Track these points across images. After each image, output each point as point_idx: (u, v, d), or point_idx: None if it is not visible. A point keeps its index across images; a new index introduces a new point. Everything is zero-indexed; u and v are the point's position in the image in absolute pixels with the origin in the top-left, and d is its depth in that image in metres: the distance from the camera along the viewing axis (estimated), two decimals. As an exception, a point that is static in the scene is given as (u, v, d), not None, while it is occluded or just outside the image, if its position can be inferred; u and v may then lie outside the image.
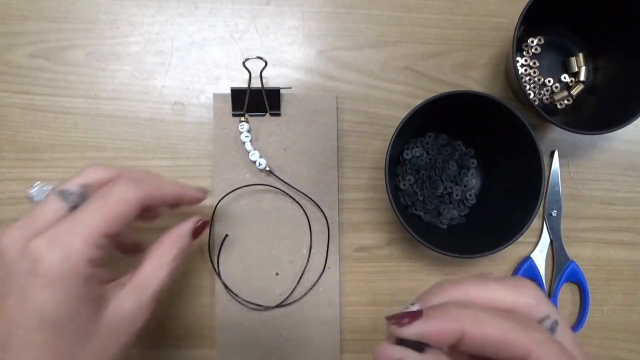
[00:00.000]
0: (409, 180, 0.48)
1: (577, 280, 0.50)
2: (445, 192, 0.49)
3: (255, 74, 0.46)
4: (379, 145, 0.50)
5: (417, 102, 0.42)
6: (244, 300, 0.47)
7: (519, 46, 0.50)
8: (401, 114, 0.45)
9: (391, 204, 0.42)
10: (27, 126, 0.48)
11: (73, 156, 0.48)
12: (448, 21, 0.51)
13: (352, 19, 0.50)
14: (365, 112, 0.50)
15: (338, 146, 0.49)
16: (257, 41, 0.49)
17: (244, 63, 0.44)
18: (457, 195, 0.49)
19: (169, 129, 0.48)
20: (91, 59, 0.48)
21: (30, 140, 0.48)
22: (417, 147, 0.49)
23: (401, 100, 0.50)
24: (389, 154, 0.42)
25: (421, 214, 0.49)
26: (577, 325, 0.50)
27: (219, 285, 0.47)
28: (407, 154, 0.49)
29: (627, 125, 0.43)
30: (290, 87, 0.48)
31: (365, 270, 0.49)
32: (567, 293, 0.51)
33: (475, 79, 0.51)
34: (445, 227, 0.49)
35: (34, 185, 0.35)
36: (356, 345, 0.49)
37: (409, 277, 0.50)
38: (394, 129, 0.42)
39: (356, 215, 0.49)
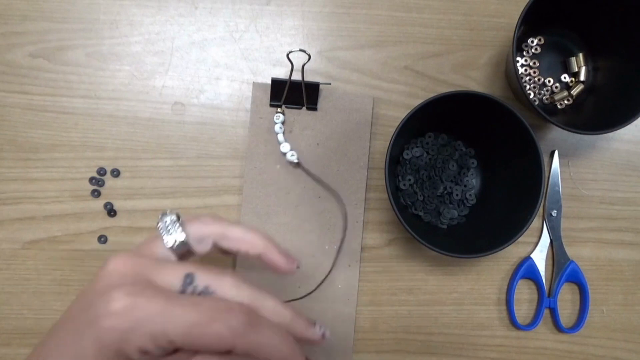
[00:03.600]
0: (409, 180, 0.48)
1: (577, 280, 0.50)
2: (445, 192, 0.49)
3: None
4: (379, 145, 0.50)
5: (417, 102, 0.42)
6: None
7: (519, 46, 0.50)
8: (401, 114, 0.46)
9: (391, 204, 0.42)
10: (27, 126, 0.48)
11: (73, 156, 0.48)
12: (448, 21, 0.51)
13: (351, 19, 0.50)
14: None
15: (370, 146, 0.49)
16: (257, 41, 0.49)
17: (287, 55, 0.44)
18: (457, 195, 0.49)
19: (169, 129, 0.48)
20: (91, 59, 0.48)
21: (30, 140, 0.48)
22: (417, 147, 0.49)
23: (401, 100, 0.50)
24: (389, 154, 0.42)
25: (421, 214, 0.49)
26: (577, 325, 0.50)
27: (239, 272, 0.47)
28: (407, 154, 0.49)
29: (627, 125, 0.43)
30: (330, 83, 0.48)
31: (365, 270, 0.49)
32: (567, 293, 0.51)
33: (475, 79, 0.51)
34: (445, 227, 0.49)
35: (167, 217, 0.32)
36: (356, 345, 0.49)
37: (409, 277, 0.50)
38: (394, 129, 0.42)
39: (356, 215, 0.49)
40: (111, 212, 0.48)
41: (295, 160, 0.47)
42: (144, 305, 0.25)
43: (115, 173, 0.48)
